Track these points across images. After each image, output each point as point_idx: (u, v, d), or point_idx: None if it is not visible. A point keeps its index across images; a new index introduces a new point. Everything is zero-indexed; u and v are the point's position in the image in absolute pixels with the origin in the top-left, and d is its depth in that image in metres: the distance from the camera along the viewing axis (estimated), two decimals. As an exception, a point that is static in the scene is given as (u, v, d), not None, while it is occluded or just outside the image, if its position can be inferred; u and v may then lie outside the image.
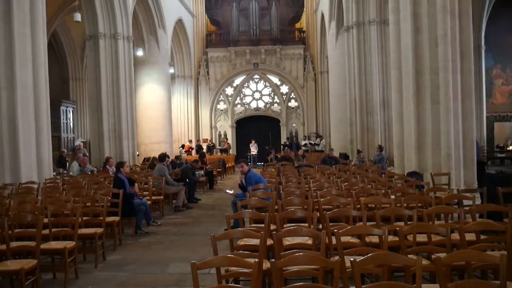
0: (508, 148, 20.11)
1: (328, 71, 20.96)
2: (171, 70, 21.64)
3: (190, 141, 23.82)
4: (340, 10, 16.42)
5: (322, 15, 21.22)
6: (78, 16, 12.69)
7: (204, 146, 23.21)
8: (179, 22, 22.20)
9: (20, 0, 9.39)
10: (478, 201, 6.47)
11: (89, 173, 11.70)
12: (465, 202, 5.91)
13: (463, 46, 8.19)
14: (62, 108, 20.84)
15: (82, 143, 18.53)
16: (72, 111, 22.18)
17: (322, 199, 5.63)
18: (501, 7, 20.31)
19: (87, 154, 15.73)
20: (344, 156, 15.60)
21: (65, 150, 14.68)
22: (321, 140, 23.20)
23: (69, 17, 19.53)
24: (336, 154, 15.47)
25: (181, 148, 21.93)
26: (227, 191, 7.72)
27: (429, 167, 8.13)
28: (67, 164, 14.05)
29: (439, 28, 8.00)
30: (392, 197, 5.92)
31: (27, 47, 9.49)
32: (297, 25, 26.52)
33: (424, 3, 8.19)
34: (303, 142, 23.77)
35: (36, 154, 9.65)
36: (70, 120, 21.82)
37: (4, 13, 9.18)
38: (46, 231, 5.14)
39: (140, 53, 17.94)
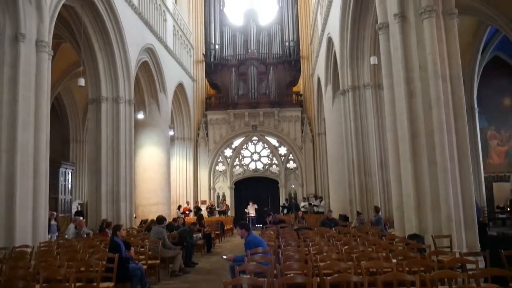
0: (508, 209, 19.93)
1: (325, 133, 21.26)
2: (171, 133, 21.94)
3: (188, 203, 23.64)
4: (335, 74, 16.96)
5: (319, 79, 21.90)
6: (82, 81, 13.07)
7: (203, 208, 22.99)
8: (180, 86, 22.84)
9: (27, 66, 9.75)
10: (481, 265, 6.33)
11: (85, 236, 11.49)
12: (468, 265, 5.78)
13: (456, 108, 8.42)
14: (61, 169, 20.89)
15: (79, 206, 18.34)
16: (71, 172, 22.21)
17: (322, 264, 5.51)
18: (491, 71, 21.08)
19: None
20: (344, 218, 15.40)
21: (55, 213, 14.04)
22: (320, 201, 23.04)
23: (73, 82, 20.14)
24: (335, 215, 15.30)
25: (178, 210, 21.70)
26: (223, 256, 7.53)
27: (429, 228, 8.04)
28: (55, 228, 13.42)
29: (432, 92, 8.26)
30: (394, 261, 5.80)
31: (30, 110, 9.71)
32: (295, 89, 27.29)
33: (416, 69, 8.52)
34: (302, 204, 23.58)
35: (32, 217, 9.56)
36: (68, 181, 21.79)
37: (10, 78, 9.49)
38: (37, 298, 4.97)
39: (141, 116, 18.28)
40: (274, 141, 26.62)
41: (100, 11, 13.68)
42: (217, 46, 26.82)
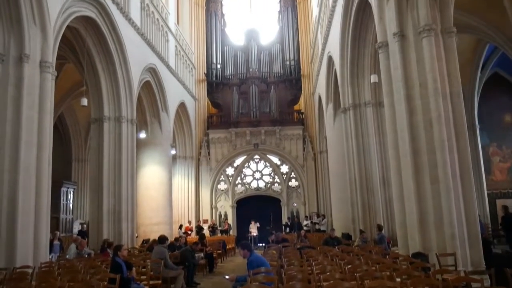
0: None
1: (327, 151, 21.27)
2: (173, 151, 21.97)
3: (190, 222, 23.52)
4: (336, 93, 17.05)
5: (320, 97, 22.01)
6: (85, 101, 13.17)
7: (205, 227, 22.86)
8: (182, 105, 22.97)
9: (30, 86, 9.84)
10: (487, 283, 6.26)
11: (86, 256, 11.42)
12: (474, 284, 5.72)
13: (457, 126, 8.44)
14: (63, 189, 20.86)
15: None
16: (73, 192, 22.18)
17: (325, 283, 5.46)
18: (491, 87, 21.18)
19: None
20: (347, 236, 15.30)
21: (58, 233, 13.87)
22: (323, 219, 22.89)
23: (76, 101, 20.31)
24: (338, 233, 15.19)
25: (179, 229, 21.57)
26: (226, 276, 7.45)
27: (433, 246, 7.98)
28: (58, 248, 13.32)
29: (432, 109, 8.30)
30: (398, 280, 5.74)
31: (33, 130, 9.77)
32: (296, 107, 27.42)
33: (416, 87, 8.58)
34: (304, 222, 23.43)
35: (33, 236, 9.52)
36: (70, 201, 21.73)
37: (14, 98, 9.57)
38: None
39: (143, 135, 18.33)
40: (276, 160, 26.61)
41: (104, 32, 13.87)
42: (218, 66, 27.09)
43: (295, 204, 26.08)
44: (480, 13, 15.31)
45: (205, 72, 27.03)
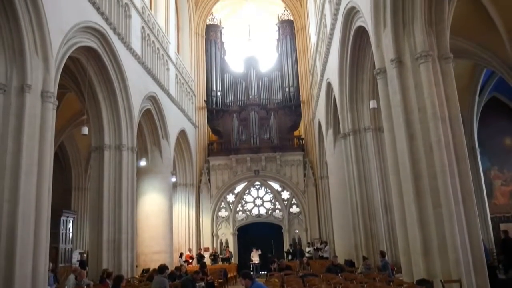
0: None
1: (328, 176, 21.21)
2: (173, 179, 21.91)
3: (190, 250, 23.24)
4: (336, 118, 17.13)
5: (319, 123, 22.12)
6: (85, 130, 13.22)
7: (206, 255, 22.58)
8: (182, 133, 23.05)
9: (32, 116, 9.88)
10: (494, 311, 6.13)
11: (85, 287, 11.23)
12: (480, 312, 5.60)
13: (458, 150, 8.45)
14: (63, 218, 20.71)
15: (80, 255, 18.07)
16: (73, 221, 22.01)
17: (329, 312, 5.35)
18: (490, 111, 21.33)
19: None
20: (350, 263, 15.08)
21: (51, 264, 13.48)
22: (325, 246, 22.62)
23: (76, 130, 20.40)
24: (341, 260, 14.98)
25: (180, 258, 21.30)
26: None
27: (438, 273, 7.86)
28: (52, 280, 12.98)
29: (432, 134, 8.33)
30: (403, 308, 5.63)
31: (34, 160, 9.75)
32: (296, 133, 27.52)
33: (415, 111, 8.64)
34: (307, 249, 23.14)
35: (32, 267, 9.38)
36: (69, 230, 21.55)
37: (15, 128, 9.59)
38: None
39: (143, 163, 18.32)
40: (276, 186, 26.52)
41: (105, 62, 14.05)
42: (218, 93, 27.36)
43: (297, 231, 25.82)
44: (476, 38, 15.56)
45: (205, 100, 27.26)
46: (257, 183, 26.77)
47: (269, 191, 26.69)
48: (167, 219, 19.61)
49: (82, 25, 12.23)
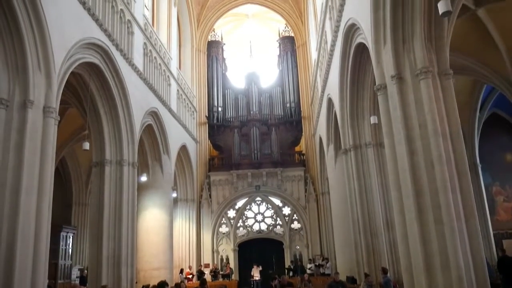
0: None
1: (329, 192, 21.12)
2: (174, 194, 21.83)
3: (190, 267, 23.03)
4: (337, 134, 17.13)
5: (320, 139, 22.12)
6: (86, 145, 13.24)
7: (206, 271, 22.36)
8: (183, 148, 23.06)
9: (33, 131, 9.90)
10: (498, 329, 6.04)
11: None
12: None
13: (459, 165, 8.42)
14: (63, 233, 20.62)
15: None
16: (72, 236, 21.88)
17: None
18: (491, 127, 21.38)
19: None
20: (351, 280, 14.93)
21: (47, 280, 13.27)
22: (327, 262, 22.41)
23: (78, 145, 20.43)
24: (342, 277, 14.82)
25: (180, 274, 21.10)
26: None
27: (441, 291, 7.76)
28: None
29: (433, 150, 8.32)
30: (405, 326, 5.55)
31: (35, 175, 9.73)
32: (297, 148, 27.50)
33: (416, 127, 8.64)
34: (308, 266, 22.93)
35: (30, 284, 9.28)
36: (69, 246, 21.41)
37: (17, 143, 9.59)
38: None
39: (144, 178, 18.28)
40: (277, 201, 26.40)
41: (107, 78, 14.14)
42: (219, 108, 27.46)
43: (298, 247, 25.61)
44: (476, 54, 15.68)
45: (207, 115, 27.34)
46: (258, 198, 26.66)
47: (270, 206, 26.56)
48: (167, 235, 19.49)
49: (85, 42, 12.35)
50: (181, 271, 21.55)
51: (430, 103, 8.51)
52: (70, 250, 21.45)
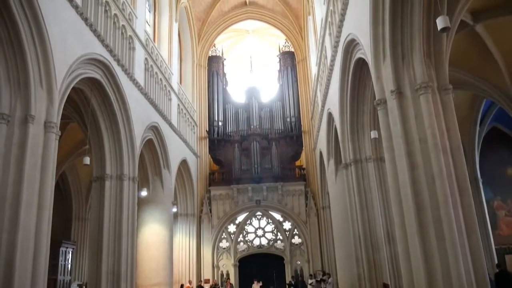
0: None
1: (330, 207, 21.03)
2: (174, 209, 21.74)
3: (190, 282, 22.81)
4: (337, 148, 17.13)
5: (321, 153, 22.11)
6: (87, 160, 13.24)
7: (206, 287, 22.15)
8: (183, 162, 23.04)
9: (34, 146, 9.92)
10: None
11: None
12: None
13: (460, 180, 8.41)
14: (62, 249, 20.46)
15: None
16: (72, 252, 21.72)
17: None
18: (491, 142, 21.38)
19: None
20: (353, 296, 14.78)
21: None
22: (328, 277, 22.19)
23: (78, 160, 20.43)
24: (344, 293, 14.68)
25: (181, 290, 20.92)
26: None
27: (443, 307, 7.68)
28: None
29: (433, 165, 8.32)
30: None
31: (35, 190, 9.72)
32: (297, 163, 27.47)
33: (416, 142, 8.65)
34: (309, 281, 22.70)
35: (29, 301, 9.20)
36: (68, 261, 21.24)
37: (17, 158, 9.60)
38: None
39: (144, 193, 18.21)
40: (278, 216, 26.27)
41: (108, 93, 14.20)
42: (220, 123, 27.53)
43: (299, 262, 25.40)
44: (475, 69, 15.78)
45: (207, 130, 27.40)
46: (259, 213, 26.53)
47: (271, 221, 26.42)
48: (167, 250, 19.36)
49: (86, 57, 12.45)
50: (181, 286, 21.34)
51: (430, 118, 8.54)
52: (69, 266, 21.28)
